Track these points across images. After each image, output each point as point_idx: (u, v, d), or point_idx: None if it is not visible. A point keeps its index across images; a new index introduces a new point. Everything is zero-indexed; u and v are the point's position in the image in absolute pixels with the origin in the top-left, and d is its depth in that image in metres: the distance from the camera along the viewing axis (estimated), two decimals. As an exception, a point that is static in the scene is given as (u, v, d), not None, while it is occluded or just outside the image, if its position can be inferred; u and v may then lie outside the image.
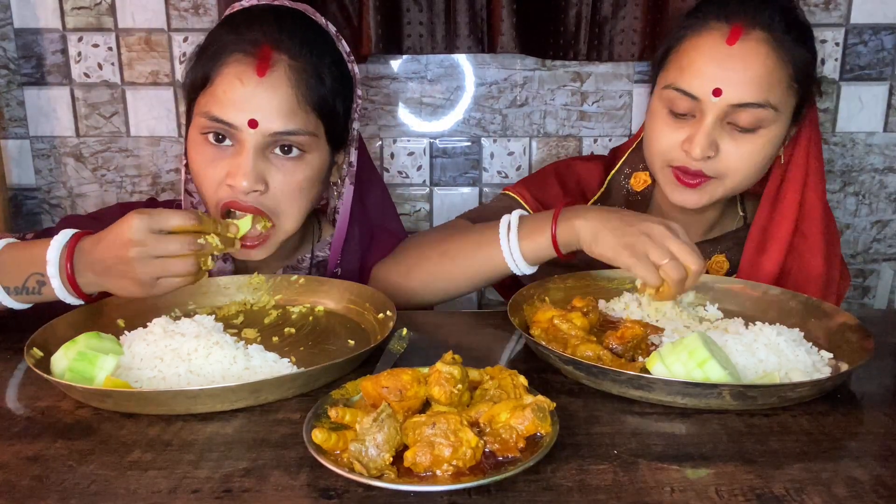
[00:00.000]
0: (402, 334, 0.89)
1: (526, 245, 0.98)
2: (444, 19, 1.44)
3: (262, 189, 0.98)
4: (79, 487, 0.61)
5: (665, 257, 0.87)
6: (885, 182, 1.57)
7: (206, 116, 0.97)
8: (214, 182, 0.99)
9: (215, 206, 1.00)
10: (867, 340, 0.82)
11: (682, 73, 1.03)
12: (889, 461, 0.65)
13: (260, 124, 0.96)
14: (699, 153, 1.02)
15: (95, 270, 0.84)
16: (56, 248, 0.84)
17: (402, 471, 0.60)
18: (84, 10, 1.47)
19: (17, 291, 0.87)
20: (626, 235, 0.90)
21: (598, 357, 0.79)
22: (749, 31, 1.01)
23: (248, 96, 0.96)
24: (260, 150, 0.97)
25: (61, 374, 0.75)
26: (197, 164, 1.00)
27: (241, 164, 0.96)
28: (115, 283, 0.84)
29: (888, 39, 1.49)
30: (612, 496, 0.59)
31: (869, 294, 1.64)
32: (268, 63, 0.96)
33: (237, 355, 0.79)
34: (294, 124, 0.97)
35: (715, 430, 0.70)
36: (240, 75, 0.96)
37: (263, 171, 0.98)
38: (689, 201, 1.07)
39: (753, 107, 1.00)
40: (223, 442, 0.68)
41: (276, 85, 0.96)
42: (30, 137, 1.53)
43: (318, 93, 1.00)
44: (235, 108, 0.96)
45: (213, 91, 0.97)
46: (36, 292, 0.86)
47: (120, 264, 0.82)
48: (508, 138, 1.54)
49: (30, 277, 0.86)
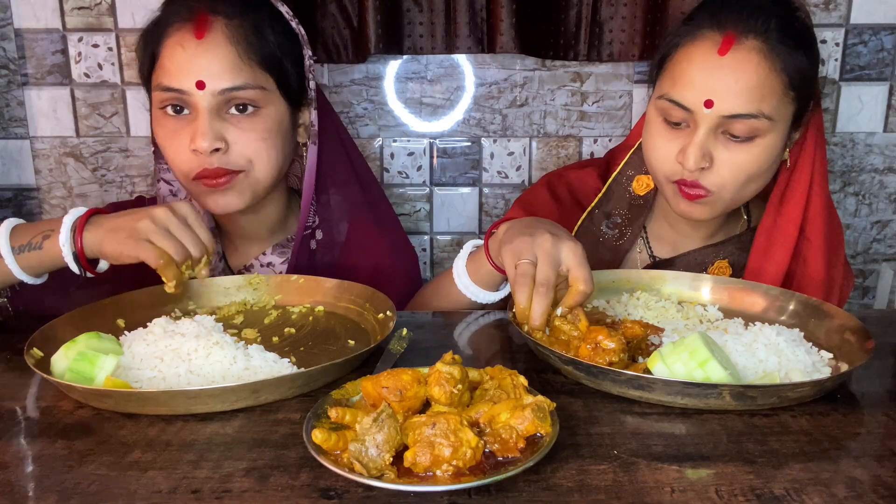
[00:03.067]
0: (402, 334, 0.89)
1: (471, 267, 1.03)
2: (444, 19, 1.44)
3: (222, 146, 1.02)
4: (79, 487, 0.61)
5: (526, 259, 0.87)
6: (885, 182, 1.57)
7: (158, 89, 1.03)
8: (180, 152, 1.03)
9: (186, 178, 1.05)
10: (867, 340, 0.82)
11: (674, 84, 1.03)
12: (889, 461, 0.65)
13: (207, 84, 1.00)
14: (692, 164, 1.01)
15: (113, 216, 0.91)
16: (76, 210, 0.93)
17: (402, 471, 0.60)
18: (84, 10, 1.47)
19: (20, 250, 0.92)
20: (520, 236, 0.90)
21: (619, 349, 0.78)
22: (742, 41, 1.00)
23: (192, 59, 1.00)
24: (214, 110, 1.02)
25: (61, 374, 0.75)
26: (161, 138, 1.05)
27: (198, 127, 1.01)
28: (115, 230, 0.89)
29: (888, 39, 1.49)
30: (612, 496, 0.59)
31: (869, 294, 1.64)
32: (205, 25, 1.01)
33: (237, 355, 0.79)
34: (240, 79, 1.02)
35: (715, 430, 0.70)
36: (181, 41, 1.01)
37: (221, 129, 1.02)
38: (693, 213, 1.07)
39: (746, 117, 0.99)
40: (223, 442, 0.68)
41: (216, 45, 1.01)
42: (30, 137, 1.53)
43: (261, 48, 1.04)
44: (182, 73, 1.00)
45: (162, 63, 1.03)
46: (37, 246, 0.91)
47: (131, 223, 0.89)
48: (508, 138, 1.54)
49: (37, 235, 0.92)
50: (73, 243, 0.90)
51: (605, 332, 0.79)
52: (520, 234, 0.90)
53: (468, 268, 1.04)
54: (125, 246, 0.88)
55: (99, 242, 0.90)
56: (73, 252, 0.91)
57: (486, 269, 1.01)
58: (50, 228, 0.92)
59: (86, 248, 0.91)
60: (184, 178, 1.05)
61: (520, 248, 0.88)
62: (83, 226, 0.91)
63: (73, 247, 0.91)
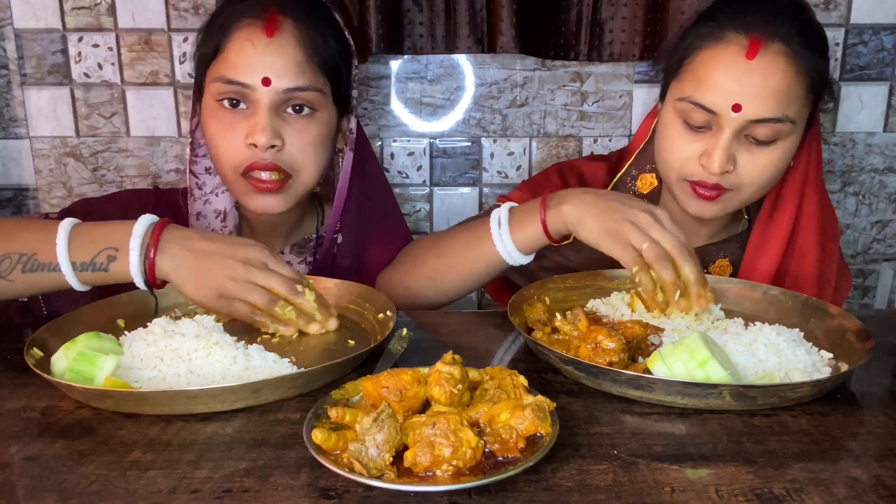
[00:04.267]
0: (402, 334, 0.89)
1: (518, 236, 1.00)
2: (444, 19, 1.44)
3: (279, 144, 1.04)
4: (79, 487, 0.61)
5: (644, 241, 0.89)
6: (885, 182, 1.57)
7: (220, 81, 1.03)
8: (233, 145, 1.04)
9: (233, 171, 1.05)
10: (867, 340, 0.82)
11: (699, 87, 1.02)
12: (889, 461, 0.65)
13: (273, 82, 1.02)
14: (717, 168, 1.01)
15: (189, 248, 0.85)
16: (144, 223, 0.85)
17: (402, 471, 0.60)
18: (84, 10, 1.47)
19: (83, 268, 0.85)
20: (610, 221, 0.92)
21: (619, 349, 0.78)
22: (768, 45, 0.99)
23: (260, 56, 1.02)
24: (274, 108, 1.03)
25: (61, 374, 0.75)
26: (214, 129, 1.05)
27: (258, 122, 1.02)
28: (195, 277, 0.85)
29: (888, 39, 1.49)
30: (612, 496, 0.59)
31: (869, 294, 1.64)
32: (276, 25, 1.02)
33: (237, 355, 0.79)
34: (304, 80, 1.03)
35: (715, 430, 0.70)
36: (250, 38, 1.02)
37: (279, 127, 1.04)
38: (706, 212, 1.07)
39: (772, 122, 0.99)
40: (223, 442, 0.68)
41: (284, 44, 1.03)
42: (30, 137, 1.53)
43: (324, 52, 1.06)
44: (249, 68, 1.02)
45: (226, 56, 1.03)
46: (103, 268, 0.85)
47: (220, 260, 0.85)
48: (508, 138, 1.54)
49: (101, 252, 0.85)
50: (145, 271, 0.85)
51: (605, 332, 0.79)
52: (608, 219, 0.92)
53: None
54: (211, 303, 0.86)
55: (179, 285, 0.86)
56: (145, 279, 0.85)
57: (538, 239, 0.99)
58: (114, 246, 0.84)
59: (159, 268, 0.85)
60: (232, 171, 1.06)
61: (624, 234, 0.91)
62: (155, 248, 0.84)
63: (145, 274, 0.85)
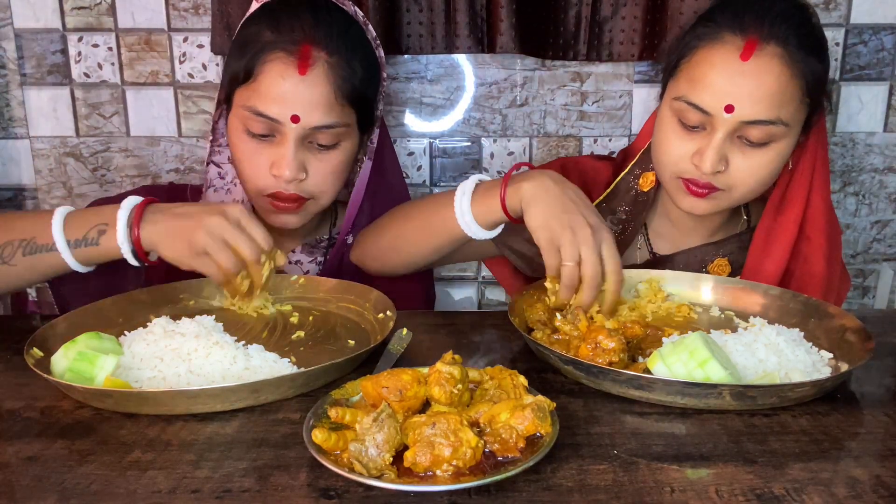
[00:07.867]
0: (402, 334, 0.89)
1: (477, 208, 0.99)
2: (443, 19, 1.44)
3: (303, 178, 1.05)
4: (79, 487, 0.61)
5: (571, 260, 0.89)
6: (885, 182, 1.57)
7: (249, 110, 1.03)
8: (258, 172, 1.05)
9: (257, 195, 1.08)
10: (867, 340, 0.82)
11: (693, 87, 1.02)
12: (889, 461, 0.65)
13: (302, 119, 1.01)
14: (709, 168, 1.01)
15: (168, 214, 0.91)
16: (132, 200, 0.92)
17: (402, 471, 0.60)
18: (84, 10, 1.47)
19: (76, 244, 0.91)
20: (555, 217, 0.91)
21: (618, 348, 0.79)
22: (763, 46, 0.99)
23: (291, 93, 1.01)
24: (300, 141, 1.04)
25: (61, 374, 0.75)
26: (240, 152, 1.07)
27: (284, 155, 1.03)
28: (172, 236, 0.90)
29: (888, 39, 1.49)
30: (612, 496, 0.59)
31: (869, 294, 1.64)
32: (308, 62, 1.01)
33: (237, 355, 0.79)
34: (332, 118, 1.03)
35: (715, 430, 0.70)
36: (282, 73, 1.01)
37: (303, 160, 1.05)
38: (696, 208, 1.07)
39: (765, 124, 0.99)
40: (223, 442, 0.68)
41: (315, 82, 1.02)
42: (30, 137, 1.53)
43: (352, 85, 1.05)
44: (279, 104, 1.01)
45: (257, 87, 1.02)
46: (94, 243, 0.91)
47: (196, 216, 0.89)
48: (508, 138, 1.54)
49: (92, 228, 0.92)
50: (131, 241, 0.90)
51: (605, 332, 0.79)
52: (555, 214, 0.91)
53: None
54: (184, 257, 0.90)
55: (156, 244, 0.90)
56: (132, 249, 0.91)
57: (495, 213, 0.98)
58: (104, 222, 0.91)
59: (143, 243, 0.90)
60: (255, 193, 1.08)
61: (559, 237, 0.90)
62: (139, 220, 0.90)
63: (131, 244, 0.90)
